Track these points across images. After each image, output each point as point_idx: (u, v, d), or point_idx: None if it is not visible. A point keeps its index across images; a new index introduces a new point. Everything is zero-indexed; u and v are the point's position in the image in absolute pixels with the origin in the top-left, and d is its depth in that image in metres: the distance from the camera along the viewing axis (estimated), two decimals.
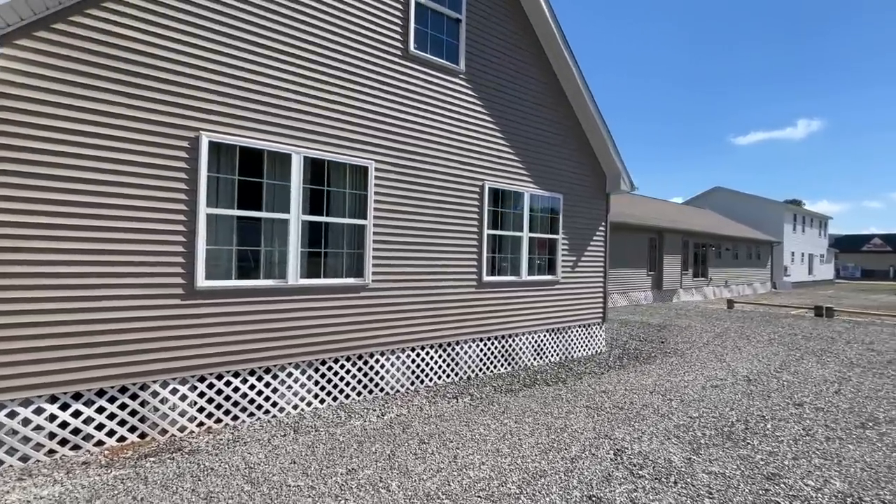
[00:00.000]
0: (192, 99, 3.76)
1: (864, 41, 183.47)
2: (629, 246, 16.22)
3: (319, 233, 4.59)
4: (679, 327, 10.64)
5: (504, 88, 6.19)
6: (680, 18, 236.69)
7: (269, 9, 4.16)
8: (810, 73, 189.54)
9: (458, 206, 5.68)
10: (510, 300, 6.31)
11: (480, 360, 5.99)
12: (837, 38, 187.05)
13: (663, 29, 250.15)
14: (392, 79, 5.04)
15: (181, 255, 3.73)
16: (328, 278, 4.62)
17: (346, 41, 4.68)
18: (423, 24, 5.34)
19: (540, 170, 6.70)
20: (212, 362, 3.89)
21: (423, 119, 5.33)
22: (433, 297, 5.44)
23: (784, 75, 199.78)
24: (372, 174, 4.86)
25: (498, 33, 6.09)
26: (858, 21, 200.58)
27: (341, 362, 4.72)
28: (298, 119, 4.35)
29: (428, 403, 4.78)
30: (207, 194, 3.84)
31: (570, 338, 7.24)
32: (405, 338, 5.19)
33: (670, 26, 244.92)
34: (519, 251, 6.46)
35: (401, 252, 5.13)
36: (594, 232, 7.61)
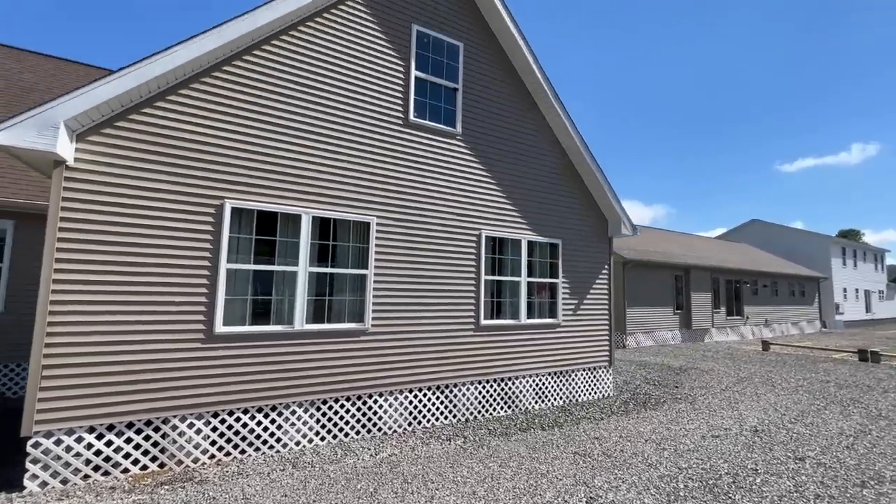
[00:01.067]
0: (219, 172, 4.51)
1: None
2: (653, 283, 15.94)
3: (325, 282, 5.14)
4: (700, 371, 10.28)
5: (500, 145, 6.73)
6: (713, 47, 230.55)
7: (284, 94, 4.96)
8: (864, 95, 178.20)
9: (456, 254, 6.12)
10: (509, 343, 6.55)
11: (479, 403, 6.19)
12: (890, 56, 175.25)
13: (701, 58, 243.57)
14: (393, 144, 5.70)
15: (203, 305, 4.35)
16: (331, 323, 5.11)
17: (352, 114, 5.41)
18: (422, 95, 6.05)
19: (538, 217, 7.07)
20: (225, 399, 4.40)
21: (422, 177, 5.92)
22: (431, 340, 5.79)
23: (834, 97, 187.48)
24: (373, 229, 5.42)
25: (493, 96, 6.71)
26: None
27: (341, 402, 5.11)
28: (308, 184, 5.03)
29: (421, 444, 5.04)
30: (228, 252, 4.51)
31: (574, 381, 7.29)
32: (403, 380, 5.53)
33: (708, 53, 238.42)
34: (518, 295, 6.75)
35: (400, 298, 5.58)
36: (597, 275, 7.78)
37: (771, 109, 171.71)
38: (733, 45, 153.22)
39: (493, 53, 6.75)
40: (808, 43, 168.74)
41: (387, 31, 5.75)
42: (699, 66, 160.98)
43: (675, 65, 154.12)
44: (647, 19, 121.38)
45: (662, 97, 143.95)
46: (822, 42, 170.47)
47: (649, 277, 15.80)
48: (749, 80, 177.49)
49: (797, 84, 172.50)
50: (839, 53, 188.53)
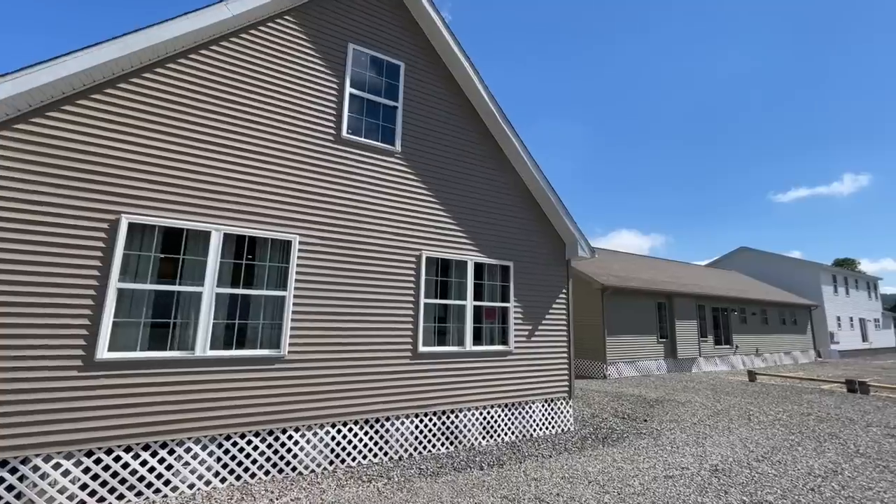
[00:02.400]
0: (117, 186, 4.24)
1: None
2: (635, 311, 15.50)
3: (236, 305, 4.76)
4: (676, 402, 9.69)
5: (445, 164, 6.53)
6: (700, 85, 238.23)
7: (199, 108, 4.76)
8: (854, 127, 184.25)
9: (392, 276, 5.77)
10: (452, 372, 6.09)
11: (415, 439, 5.66)
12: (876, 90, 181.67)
13: (695, 92, 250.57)
14: (322, 161, 5.48)
15: (85, 328, 3.96)
16: (241, 349, 4.69)
17: (277, 131, 5.21)
18: (357, 112, 5.89)
19: (487, 238, 6.78)
20: (103, 436, 3.92)
21: (355, 195, 5.66)
22: (360, 369, 5.35)
23: (826, 130, 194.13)
24: (295, 247, 5.10)
25: (438, 115, 6.58)
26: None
27: (248, 438, 4.61)
28: (221, 199, 4.75)
29: (336, 487, 4.51)
30: (122, 270, 4.16)
31: (528, 415, 6.75)
32: (325, 413, 5.04)
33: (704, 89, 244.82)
34: (463, 320, 6.35)
35: (325, 323, 5.19)
36: (554, 299, 7.41)
37: (767, 135, 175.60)
38: (733, 69, 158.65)
39: (438, 74, 6.68)
40: (802, 68, 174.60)
41: (320, 49, 5.66)
42: (698, 96, 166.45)
43: (674, 93, 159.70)
44: (640, 41, 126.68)
45: (660, 125, 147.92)
46: (815, 67, 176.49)
47: (630, 305, 15.37)
48: (744, 103, 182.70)
49: (788, 111, 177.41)
50: (829, 80, 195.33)
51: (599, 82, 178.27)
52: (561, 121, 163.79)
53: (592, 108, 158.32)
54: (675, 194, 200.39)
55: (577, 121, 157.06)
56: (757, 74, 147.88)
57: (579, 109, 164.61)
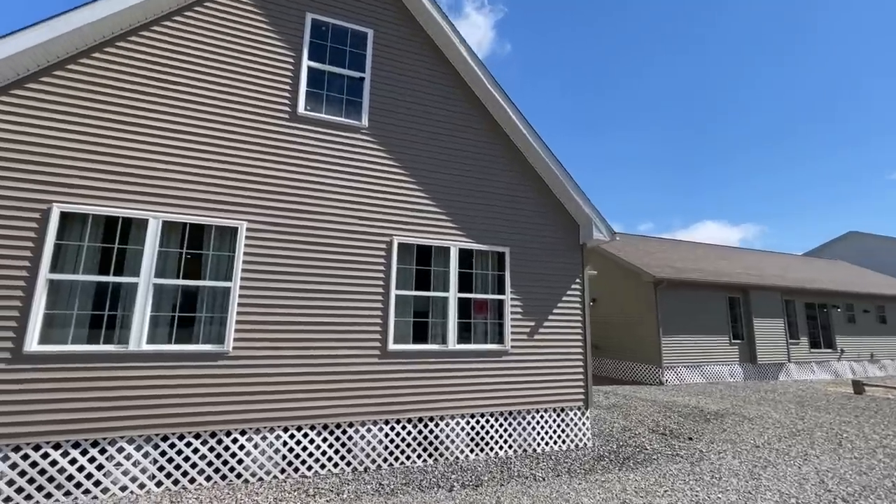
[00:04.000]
0: (48, 175, 4.13)
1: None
2: (699, 307, 13.35)
3: (176, 297, 4.47)
4: (742, 418, 7.90)
5: (422, 138, 5.79)
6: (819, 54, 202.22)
7: (136, 91, 4.55)
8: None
9: (357, 265, 5.17)
10: (431, 374, 5.32)
11: (385, 448, 4.98)
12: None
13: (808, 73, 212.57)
14: (275, 140, 5.05)
15: (14, 320, 3.87)
16: (180, 344, 4.38)
17: (223, 111, 4.87)
18: (317, 86, 5.39)
19: (475, 221, 5.91)
20: (31, 431, 3.79)
21: (314, 177, 5.16)
22: (318, 368, 4.81)
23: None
24: (242, 235, 4.71)
25: (412, 84, 5.86)
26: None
27: (188, 439, 4.27)
28: (159, 185, 4.49)
29: (273, 499, 3.99)
30: (53, 260, 4.04)
31: (531, 426, 5.74)
32: (276, 415, 4.58)
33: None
34: (445, 315, 5.55)
35: (276, 316, 4.73)
36: (564, 291, 6.30)
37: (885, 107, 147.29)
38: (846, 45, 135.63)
39: (412, 38, 5.97)
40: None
41: (273, 21, 5.25)
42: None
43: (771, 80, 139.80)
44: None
45: (751, 107, 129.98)
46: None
47: (692, 300, 13.24)
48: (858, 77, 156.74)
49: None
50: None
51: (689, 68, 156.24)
52: (624, 100, 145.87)
53: (657, 84, 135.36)
54: (770, 178, 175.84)
55: (662, 108, 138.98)
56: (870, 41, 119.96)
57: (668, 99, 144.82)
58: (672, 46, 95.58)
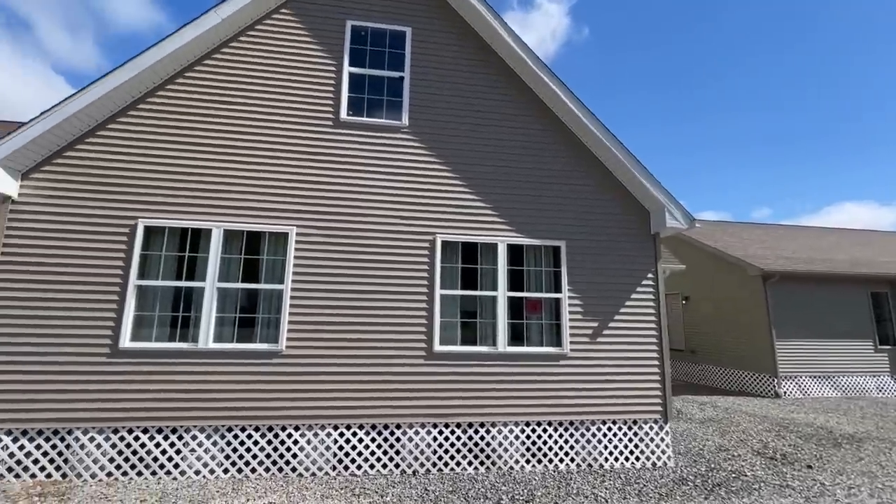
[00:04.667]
0: (134, 194, 4.77)
1: None
2: (828, 305, 11.05)
3: (237, 299, 4.85)
4: (887, 443, 6.22)
5: (464, 131, 5.57)
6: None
7: (201, 115, 5.05)
8: None
9: (401, 265, 5.13)
10: (481, 377, 5.05)
11: (433, 453, 4.84)
12: None
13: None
14: (320, 148, 5.23)
15: (112, 320, 4.52)
16: (240, 343, 4.73)
17: (272, 126, 5.18)
18: (358, 90, 5.49)
19: (525, 213, 5.50)
20: (125, 416, 4.38)
21: (356, 180, 5.24)
22: (364, 367, 4.86)
23: None
24: (292, 239, 4.95)
25: (453, 77, 5.67)
26: None
27: (248, 432, 4.59)
28: (222, 198, 4.92)
29: (320, 497, 4.08)
30: (139, 268, 4.65)
31: (595, 438, 5.14)
32: (326, 413, 4.71)
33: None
34: (494, 315, 5.24)
35: (325, 317, 4.88)
36: (634, 287, 5.56)
37: None
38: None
39: (452, 30, 5.78)
40: None
41: (316, 35, 5.48)
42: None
43: None
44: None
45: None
46: None
47: (818, 296, 10.96)
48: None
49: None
50: None
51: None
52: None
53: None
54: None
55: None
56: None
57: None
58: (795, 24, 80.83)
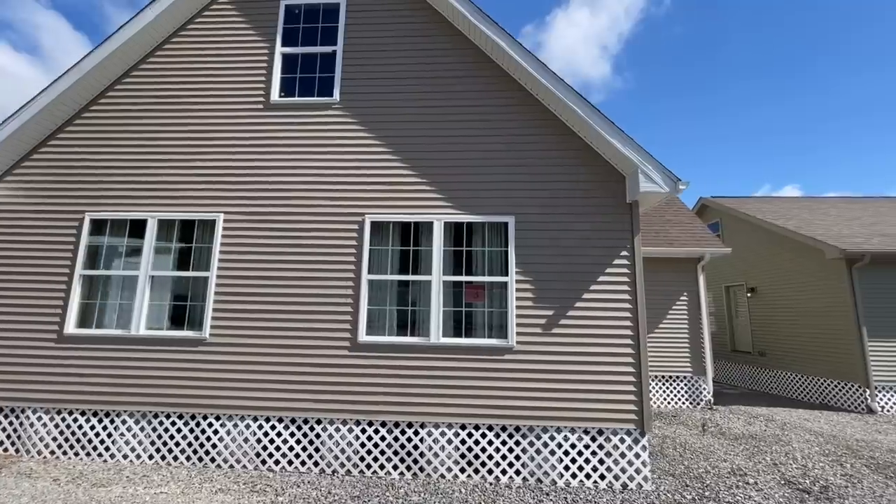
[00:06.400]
0: (81, 190, 5.06)
1: None
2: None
3: (168, 287, 4.89)
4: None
5: (396, 99, 5.07)
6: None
7: (136, 115, 5.22)
8: None
9: (327, 248, 4.80)
10: (409, 372, 4.50)
11: (355, 453, 4.40)
12: None
13: None
14: (250, 131, 5.11)
15: (59, 308, 4.82)
16: (170, 331, 4.76)
17: (203, 111, 5.17)
18: (291, 70, 5.28)
19: (467, 185, 4.83)
20: (68, 399, 4.63)
21: (286, 162, 5.02)
22: (288, 357, 4.59)
23: None
24: (219, 226, 4.88)
25: (383, 45, 5.20)
26: None
27: (173, 419, 4.58)
28: (156, 188, 5.02)
29: (216, 490, 3.88)
30: (85, 259, 4.91)
31: (548, 449, 4.28)
32: (248, 403, 4.53)
33: None
34: (428, 302, 4.65)
35: (250, 305, 4.72)
36: (603, 268, 4.59)
37: None
38: None
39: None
40: None
41: (251, 18, 5.39)
42: None
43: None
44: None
45: None
46: None
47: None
48: None
49: None
50: None
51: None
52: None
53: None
54: None
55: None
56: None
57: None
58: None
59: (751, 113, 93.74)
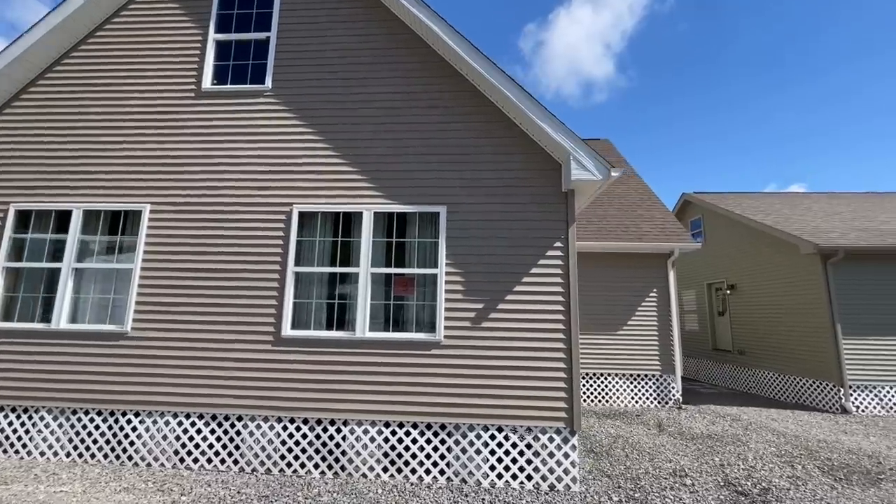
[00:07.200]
0: (9, 181, 4.93)
1: None
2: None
3: (93, 280, 4.75)
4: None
5: (326, 85, 4.91)
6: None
7: (64, 109, 5.09)
8: None
9: (254, 240, 4.64)
10: (335, 368, 4.34)
11: (275, 451, 4.24)
12: None
13: None
14: (180, 120, 4.97)
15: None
16: (92, 324, 4.62)
17: (134, 100, 5.04)
18: (225, 58, 5.13)
19: (398, 174, 4.66)
20: None
21: (215, 151, 4.88)
22: (211, 352, 4.44)
23: None
24: (146, 217, 4.74)
25: (315, 31, 5.04)
26: None
27: (91, 416, 4.44)
28: (81, 179, 4.89)
29: (119, 490, 3.74)
30: (9, 251, 4.78)
31: (473, 448, 4.11)
32: (168, 399, 4.38)
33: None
34: (355, 296, 4.49)
35: (175, 298, 4.58)
36: (536, 259, 4.40)
37: None
38: None
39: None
40: None
41: (185, 4, 5.25)
42: None
43: None
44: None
45: None
46: None
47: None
48: None
49: None
50: None
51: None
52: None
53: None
54: None
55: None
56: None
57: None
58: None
59: (754, 111, 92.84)
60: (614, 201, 9.74)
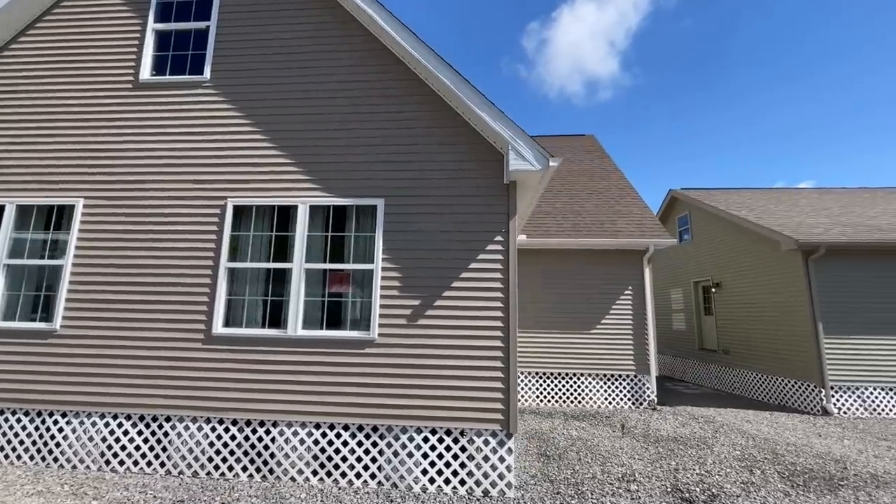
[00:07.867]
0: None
1: None
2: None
3: (23, 276, 4.63)
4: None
5: (265, 75, 4.75)
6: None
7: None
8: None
9: (187, 235, 4.49)
10: (265, 367, 4.17)
11: (203, 453, 4.08)
12: None
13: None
14: (116, 112, 4.83)
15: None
16: (21, 322, 4.49)
17: (70, 92, 4.91)
18: (164, 48, 4.99)
19: (337, 168, 4.49)
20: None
21: (152, 144, 4.73)
22: (140, 351, 4.30)
23: None
24: (78, 212, 4.61)
25: (255, 19, 4.88)
26: None
27: (18, 416, 4.31)
28: (15, 173, 4.76)
29: (33, 493, 3.60)
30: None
31: (406, 451, 3.92)
32: (96, 399, 4.24)
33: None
34: (288, 292, 4.32)
35: (107, 294, 4.44)
36: (475, 254, 4.21)
37: None
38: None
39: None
40: None
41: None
42: None
43: None
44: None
45: None
46: None
47: (885, 277, 7.82)
48: None
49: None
50: None
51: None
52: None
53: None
54: None
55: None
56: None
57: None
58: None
59: (758, 109, 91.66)
60: (593, 197, 9.51)
